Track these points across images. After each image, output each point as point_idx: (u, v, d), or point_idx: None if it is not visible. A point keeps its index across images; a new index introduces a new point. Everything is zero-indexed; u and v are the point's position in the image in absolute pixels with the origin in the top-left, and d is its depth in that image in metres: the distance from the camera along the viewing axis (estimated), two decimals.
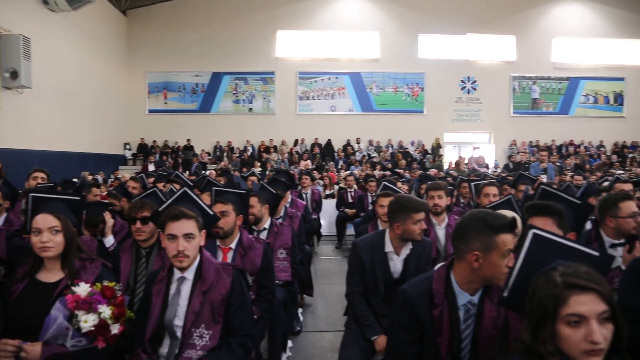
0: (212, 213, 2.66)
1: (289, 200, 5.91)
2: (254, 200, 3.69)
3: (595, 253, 1.45)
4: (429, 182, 4.48)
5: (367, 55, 17.89)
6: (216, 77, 17.76)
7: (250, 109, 17.94)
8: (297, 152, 16.87)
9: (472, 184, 5.28)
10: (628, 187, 4.43)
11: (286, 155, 16.63)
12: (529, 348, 1.30)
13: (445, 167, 15.99)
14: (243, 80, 17.89)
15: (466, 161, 15.45)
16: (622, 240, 2.78)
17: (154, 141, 17.10)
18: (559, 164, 15.23)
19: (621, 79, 18.58)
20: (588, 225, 3.14)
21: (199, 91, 17.73)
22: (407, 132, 17.44)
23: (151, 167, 14.12)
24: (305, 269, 4.95)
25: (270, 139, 17.32)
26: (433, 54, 17.94)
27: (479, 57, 18.14)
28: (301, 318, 4.66)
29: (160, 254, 2.80)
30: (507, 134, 18.02)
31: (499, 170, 14.62)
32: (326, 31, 17.78)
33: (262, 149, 17.18)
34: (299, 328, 4.39)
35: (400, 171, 14.66)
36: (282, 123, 17.70)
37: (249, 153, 17.01)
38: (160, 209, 2.67)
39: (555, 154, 17.08)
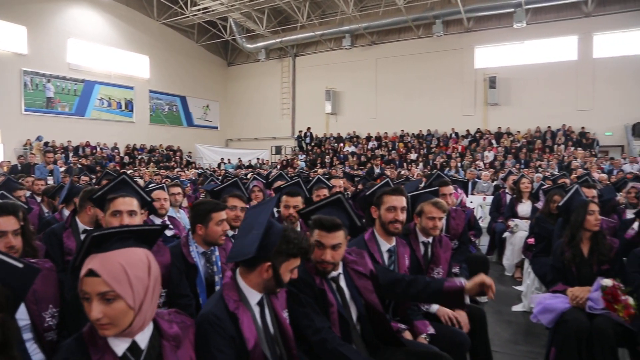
0: None
1: None
2: None
3: (20, 265, 1.46)
4: None
5: None
6: None
7: None
8: None
9: None
10: None
11: None
12: None
13: None
14: None
15: None
16: None
17: None
18: (72, 165, 15.74)
19: (131, 87, 20.87)
20: None
21: None
22: None
23: None
24: None
25: None
26: None
27: None
28: None
29: None
30: (19, 133, 16.83)
31: None
32: None
33: None
34: None
35: None
36: None
37: None
38: None
39: (72, 154, 17.51)
